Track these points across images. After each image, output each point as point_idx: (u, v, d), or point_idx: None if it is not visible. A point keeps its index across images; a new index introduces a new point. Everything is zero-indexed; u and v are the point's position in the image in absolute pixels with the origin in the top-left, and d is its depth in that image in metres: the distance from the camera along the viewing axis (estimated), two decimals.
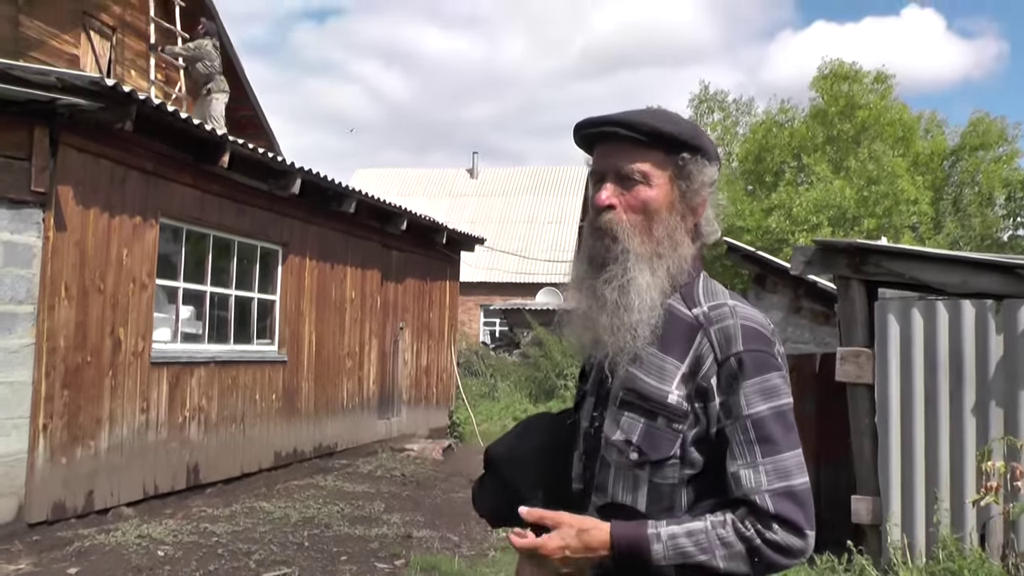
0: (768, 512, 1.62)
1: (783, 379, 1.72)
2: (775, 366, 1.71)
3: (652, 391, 1.73)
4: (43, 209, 7.20)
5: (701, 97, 39.53)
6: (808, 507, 1.66)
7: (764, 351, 1.71)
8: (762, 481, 1.64)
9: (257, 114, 16.49)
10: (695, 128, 1.85)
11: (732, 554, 1.62)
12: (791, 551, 1.63)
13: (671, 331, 1.76)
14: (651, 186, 1.79)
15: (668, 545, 1.64)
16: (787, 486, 1.65)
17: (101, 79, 7.04)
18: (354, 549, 7.57)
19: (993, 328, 6.51)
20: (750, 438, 1.67)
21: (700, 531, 1.64)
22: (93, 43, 13.04)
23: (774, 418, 1.68)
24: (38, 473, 7.16)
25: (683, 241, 1.81)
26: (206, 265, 9.60)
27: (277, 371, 10.62)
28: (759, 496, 1.63)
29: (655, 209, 1.79)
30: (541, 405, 20.62)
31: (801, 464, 1.68)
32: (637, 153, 1.80)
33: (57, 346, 7.33)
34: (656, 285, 1.76)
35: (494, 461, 2.01)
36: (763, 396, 1.68)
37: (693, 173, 1.80)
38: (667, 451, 1.71)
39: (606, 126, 1.83)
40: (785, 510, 1.63)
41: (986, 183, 34.31)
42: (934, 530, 6.46)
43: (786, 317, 9.27)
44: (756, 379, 1.68)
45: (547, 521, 1.71)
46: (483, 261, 27.62)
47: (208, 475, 9.29)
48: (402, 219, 12.94)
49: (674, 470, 1.72)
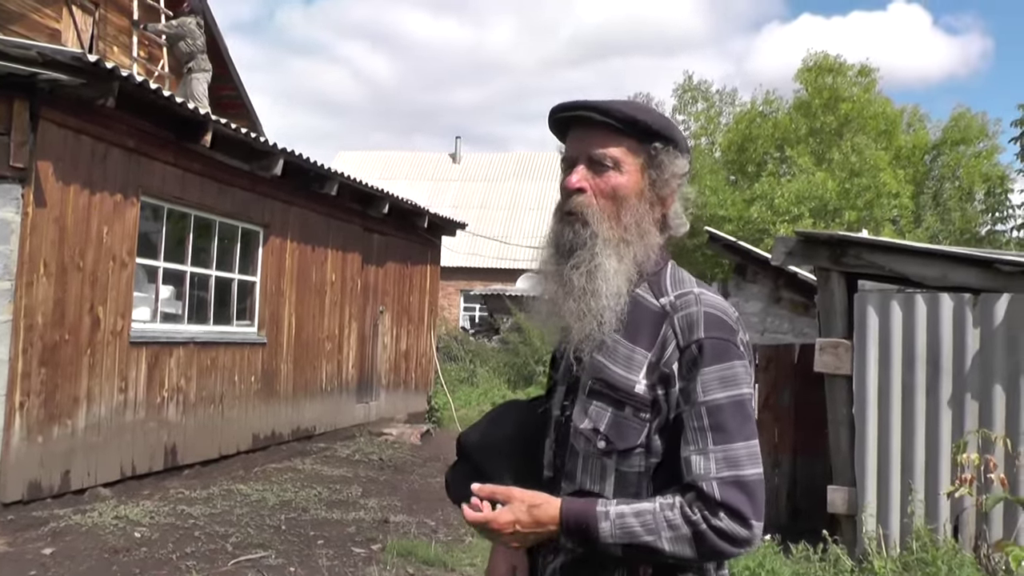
0: (714, 499, 1.64)
1: (744, 368, 1.73)
2: (736, 354, 1.72)
3: (620, 381, 1.75)
4: (22, 185, 7.13)
5: (685, 87, 39.47)
6: (756, 498, 1.67)
7: (725, 339, 1.72)
8: (711, 468, 1.66)
9: (240, 94, 16.38)
10: (668, 120, 1.86)
11: (677, 536, 1.64)
12: (736, 539, 1.65)
13: (639, 320, 1.78)
14: (622, 172, 1.81)
15: (616, 524, 1.66)
16: (735, 475, 1.66)
17: (83, 55, 6.97)
18: (331, 533, 7.56)
19: (970, 322, 6.56)
20: (703, 424, 1.68)
21: (648, 511, 1.66)
22: (75, 18, 12.90)
23: (730, 406, 1.69)
24: (13, 452, 7.11)
25: (650, 230, 1.83)
26: (187, 245, 9.54)
27: (256, 353, 10.58)
28: (706, 483, 1.65)
29: (624, 195, 1.80)
30: (520, 391, 20.66)
31: (754, 455, 1.69)
32: (610, 139, 1.81)
33: (35, 323, 7.27)
34: (622, 272, 1.78)
35: (467, 448, 2.02)
36: (721, 383, 1.69)
37: (664, 163, 1.82)
38: (634, 440, 1.73)
39: (580, 110, 1.85)
40: (731, 498, 1.64)
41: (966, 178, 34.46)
42: (908, 521, 6.52)
43: (766, 307, 9.31)
44: (715, 366, 1.70)
45: (498, 496, 1.74)
46: (464, 246, 27.62)
47: (186, 456, 9.26)
48: (384, 202, 12.90)
49: (640, 459, 1.74)
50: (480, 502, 1.74)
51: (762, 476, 1.70)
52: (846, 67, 34.39)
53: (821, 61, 34.21)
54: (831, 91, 33.65)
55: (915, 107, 38.18)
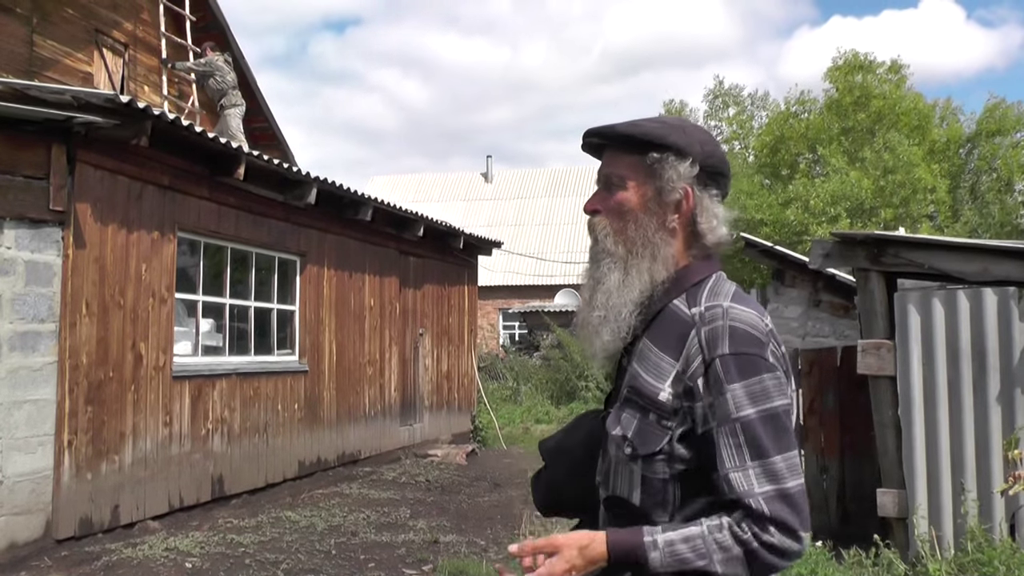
0: (764, 515, 1.64)
1: (775, 381, 1.72)
2: (765, 367, 1.72)
3: (647, 388, 1.78)
4: (62, 227, 7.25)
5: (716, 92, 39.38)
6: (801, 509, 1.67)
7: (751, 353, 1.72)
8: (753, 484, 1.66)
9: (271, 125, 16.54)
10: (667, 127, 1.88)
11: (729, 558, 1.64)
12: (787, 553, 1.65)
13: (671, 330, 1.80)
14: (626, 188, 1.88)
15: (665, 552, 1.67)
16: (779, 488, 1.66)
17: (116, 96, 7.08)
18: (381, 556, 7.59)
19: (1016, 315, 6.47)
20: (738, 441, 1.68)
21: (697, 536, 1.66)
22: (106, 60, 13.12)
23: (762, 421, 1.69)
24: (64, 489, 7.21)
25: (662, 240, 1.85)
26: (224, 277, 9.64)
27: (299, 381, 10.65)
28: (752, 499, 1.65)
29: (628, 210, 1.87)
30: (563, 407, 20.62)
31: (793, 467, 1.69)
32: (614, 159, 1.91)
33: (79, 363, 7.38)
34: (629, 285, 1.83)
35: (543, 454, 2.09)
36: (751, 399, 1.69)
37: (663, 171, 1.85)
38: (654, 446, 1.75)
39: (588, 138, 1.96)
40: (779, 512, 1.64)
41: (1004, 169, 34.02)
42: (962, 521, 6.42)
43: (806, 311, 9.23)
44: (743, 382, 1.70)
45: (544, 549, 1.73)
46: (500, 264, 27.64)
47: (232, 486, 9.33)
48: (419, 225, 12.96)
49: (663, 465, 1.76)
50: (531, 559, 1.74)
51: (803, 486, 1.69)
52: (876, 64, 34.16)
53: (851, 59, 34.01)
54: (861, 89, 33.42)
55: (947, 100, 37.81)
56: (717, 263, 1.90)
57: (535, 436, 16.77)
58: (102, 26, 13.02)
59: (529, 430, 17.68)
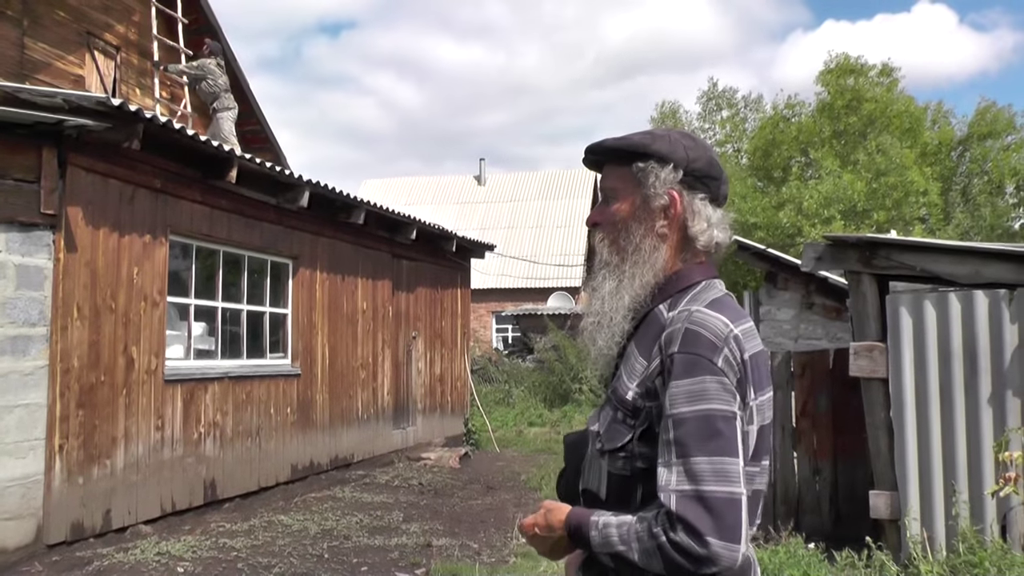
0: (671, 512, 1.65)
1: (719, 384, 1.71)
2: (709, 369, 1.72)
3: (620, 388, 1.86)
4: (53, 231, 7.23)
5: (709, 94, 39.44)
6: (718, 515, 1.63)
7: (697, 354, 1.73)
8: (671, 480, 1.68)
9: (263, 128, 16.52)
10: (650, 136, 1.95)
11: (644, 549, 1.68)
12: (692, 556, 1.63)
13: (649, 334, 1.86)
14: (618, 199, 1.96)
15: (601, 533, 1.76)
16: (695, 489, 1.65)
17: (107, 99, 7.07)
18: (374, 559, 7.57)
19: (1007, 318, 6.48)
20: (668, 438, 1.71)
21: (626, 524, 1.73)
22: (97, 63, 13.10)
23: (694, 420, 1.69)
24: (55, 493, 7.19)
25: (655, 247, 1.91)
26: (217, 281, 9.63)
27: (291, 384, 10.64)
28: (665, 495, 1.67)
29: (620, 220, 1.94)
30: (556, 410, 20.62)
31: (720, 472, 1.66)
32: (607, 173, 1.99)
33: (71, 366, 7.36)
34: (621, 292, 1.90)
35: (565, 448, 2.15)
36: (687, 397, 1.71)
37: (646, 179, 1.91)
38: (618, 442, 1.82)
39: (586, 155, 2.05)
40: (687, 512, 1.64)
41: (995, 172, 34.15)
42: (953, 523, 6.43)
43: (798, 314, 9.25)
44: (684, 380, 1.72)
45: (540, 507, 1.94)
46: (493, 267, 27.67)
47: (225, 490, 9.31)
48: (411, 228, 12.96)
49: (624, 462, 1.81)
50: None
51: (735, 496, 1.66)
52: (867, 67, 34.24)
53: (842, 63, 34.10)
54: (853, 92, 33.51)
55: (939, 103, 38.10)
56: (710, 268, 1.93)
57: (528, 439, 16.78)
58: (94, 29, 13.01)
59: (522, 433, 17.67)
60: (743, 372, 1.76)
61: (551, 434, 17.10)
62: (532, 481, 11.66)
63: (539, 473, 12.04)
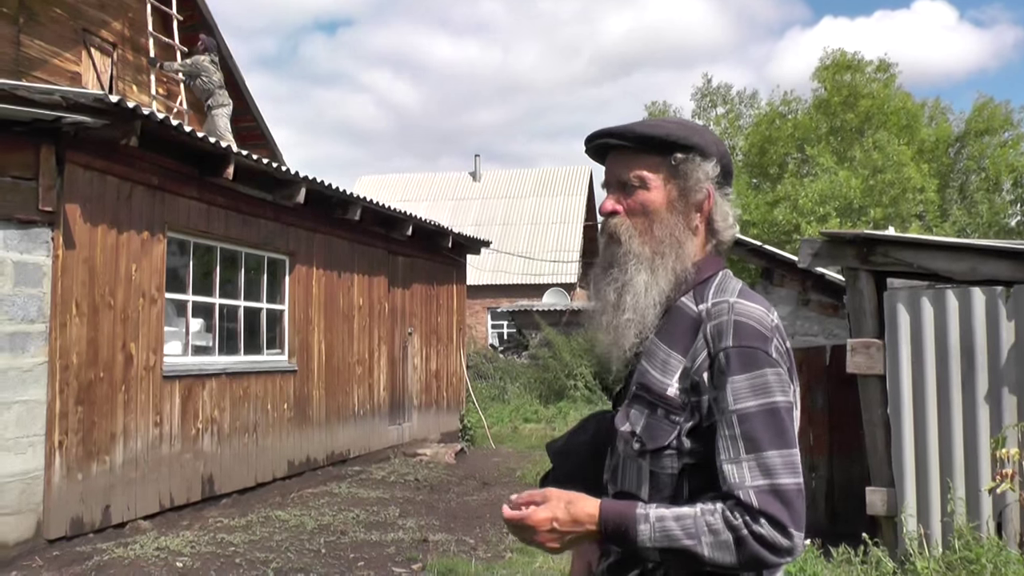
0: (753, 507, 1.63)
1: (777, 376, 1.72)
2: (768, 362, 1.72)
3: (655, 384, 1.79)
4: (51, 228, 7.23)
5: (704, 90, 39.44)
6: (795, 508, 1.65)
7: (754, 347, 1.72)
8: (745, 477, 1.65)
9: (259, 125, 16.52)
10: (686, 128, 1.90)
11: (718, 542, 1.63)
12: (776, 548, 1.63)
13: (678, 327, 1.82)
14: (648, 189, 1.88)
15: (656, 527, 1.66)
16: (772, 483, 1.65)
17: (105, 96, 7.07)
18: (371, 555, 7.59)
19: (1004, 315, 6.50)
20: (735, 433, 1.68)
21: (688, 516, 1.66)
22: (94, 60, 13.08)
23: (760, 414, 1.69)
24: (55, 489, 7.20)
25: (687, 239, 1.87)
26: (214, 277, 9.63)
27: (288, 380, 10.64)
28: (743, 491, 1.64)
29: (654, 210, 1.87)
30: (551, 406, 20.64)
31: (791, 464, 1.68)
32: (633, 160, 1.89)
33: (70, 363, 7.37)
34: (656, 284, 1.84)
35: (551, 455, 2.10)
36: (751, 392, 1.70)
37: (688, 171, 1.87)
38: (663, 440, 1.75)
39: (600, 139, 1.95)
40: (770, 507, 1.63)
41: (992, 169, 34.20)
42: (949, 520, 6.45)
43: (795, 310, 9.26)
44: (744, 375, 1.70)
45: (536, 497, 1.76)
46: (489, 264, 27.65)
47: (223, 486, 9.32)
48: (407, 224, 12.96)
49: (672, 460, 1.76)
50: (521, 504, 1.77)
51: (801, 486, 1.68)
52: (864, 64, 34.25)
53: (839, 58, 34.09)
54: (850, 88, 33.52)
55: (936, 100, 38.05)
56: (722, 260, 1.93)
57: (523, 435, 16.80)
58: (90, 26, 12.99)
59: (517, 429, 17.70)
60: (788, 362, 1.78)
61: (546, 430, 17.11)
62: (528, 477, 11.68)
63: (534, 469, 12.06)
